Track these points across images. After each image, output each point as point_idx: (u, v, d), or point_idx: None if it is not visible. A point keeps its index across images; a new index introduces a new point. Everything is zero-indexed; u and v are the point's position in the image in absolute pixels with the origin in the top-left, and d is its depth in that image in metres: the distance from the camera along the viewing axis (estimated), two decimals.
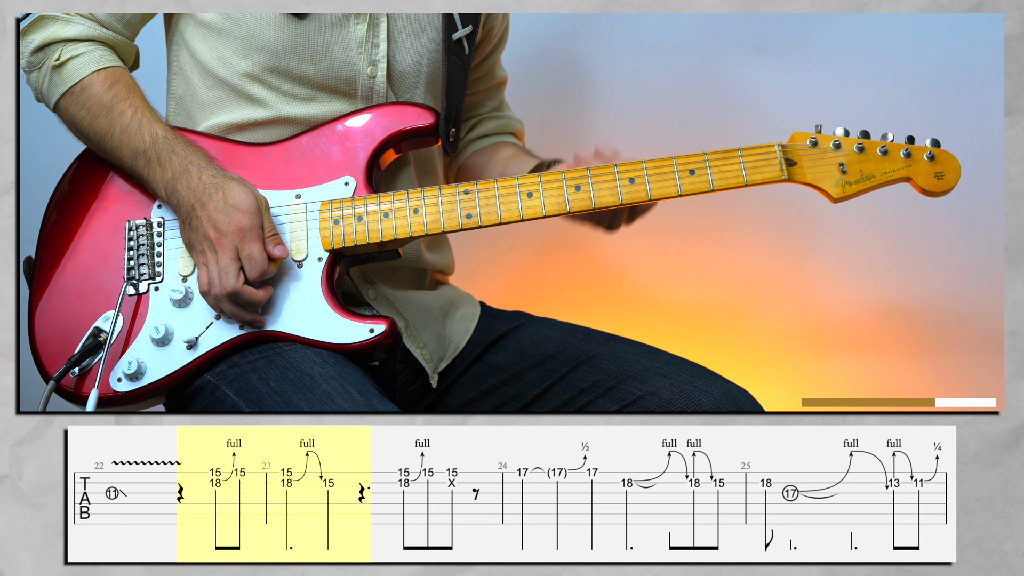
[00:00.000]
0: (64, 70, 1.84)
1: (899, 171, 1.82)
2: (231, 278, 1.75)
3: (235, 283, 1.75)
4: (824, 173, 1.82)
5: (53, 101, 1.86)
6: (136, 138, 1.82)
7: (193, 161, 1.80)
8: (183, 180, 1.79)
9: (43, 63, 1.84)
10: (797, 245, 2.62)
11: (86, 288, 1.84)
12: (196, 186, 1.78)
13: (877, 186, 1.82)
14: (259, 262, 1.76)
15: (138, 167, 1.82)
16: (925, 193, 1.82)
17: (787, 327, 2.63)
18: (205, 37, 1.88)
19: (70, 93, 1.84)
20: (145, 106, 1.85)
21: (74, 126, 1.87)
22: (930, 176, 1.81)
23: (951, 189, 1.82)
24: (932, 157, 1.81)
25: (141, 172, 1.83)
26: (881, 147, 1.82)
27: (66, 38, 1.84)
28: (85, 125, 1.84)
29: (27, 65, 1.85)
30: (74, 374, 1.80)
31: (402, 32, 1.91)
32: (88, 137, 1.86)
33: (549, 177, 1.83)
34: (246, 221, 1.76)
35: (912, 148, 1.82)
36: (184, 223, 1.81)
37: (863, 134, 1.83)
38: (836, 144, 1.82)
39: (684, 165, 1.81)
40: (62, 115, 1.87)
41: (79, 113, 1.84)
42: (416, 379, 2.00)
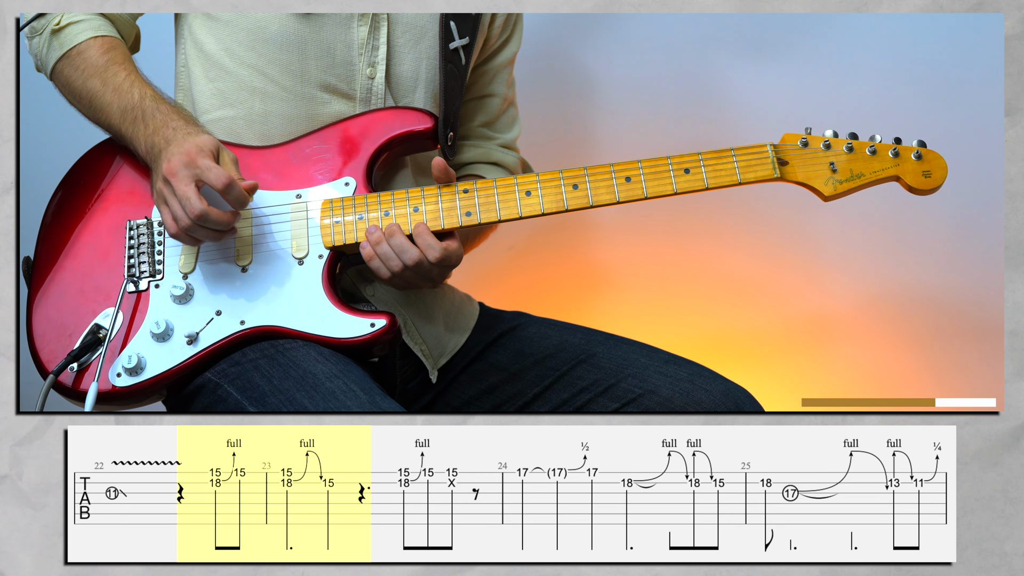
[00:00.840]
0: (63, 34, 1.88)
1: (888, 170, 1.85)
2: (194, 201, 1.73)
3: (200, 205, 1.73)
4: (815, 172, 1.85)
5: (51, 66, 1.90)
6: (127, 96, 1.84)
7: (173, 117, 1.83)
8: (160, 132, 1.81)
9: (44, 28, 1.88)
10: (797, 246, 2.62)
11: (85, 286, 1.85)
12: (168, 134, 1.80)
13: (867, 184, 1.85)
14: (216, 171, 1.72)
15: (124, 124, 1.85)
16: (913, 191, 1.86)
17: (787, 327, 2.63)
18: (212, 28, 1.90)
19: (67, 56, 1.88)
20: (138, 72, 1.88)
21: (68, 88, 1.90)
22: (918, 175, 1.85)
23: (938, 187, 1.85)
24: (920, 156, 1.85)
25: (127, 130, 1.85)
26: (870, 147, 1.85)
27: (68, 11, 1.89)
28: (79, 85, 1.87)
29: (29, 31, 1.89)
30: (72, 370, 1.81)
31: (401, 37, 1.93)
32: (80, 97, 1.89)
33: (547, 176, 1.85)
34: (194, 148, 1.75)
35: (900, 148, 1.85)
36: (153, 172, 1.82)
37: (852, 136, 1.87)
38: (826, 144, 1.86)
39: (679, 164, 1.84)
40: (57, 80, 1.90)
41: (73, 75, 1.88)
42: (415, 376, 2.00)
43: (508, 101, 2.14)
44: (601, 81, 2.64)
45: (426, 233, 1.81)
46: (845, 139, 1.86)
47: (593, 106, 2.65)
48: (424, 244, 1.81)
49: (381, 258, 1.81)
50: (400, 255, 1.81)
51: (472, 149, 2.11)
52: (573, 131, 2.65)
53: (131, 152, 1.88)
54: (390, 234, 1.81)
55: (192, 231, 1.76)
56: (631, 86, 2.62)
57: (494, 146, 2.12)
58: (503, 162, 2.12)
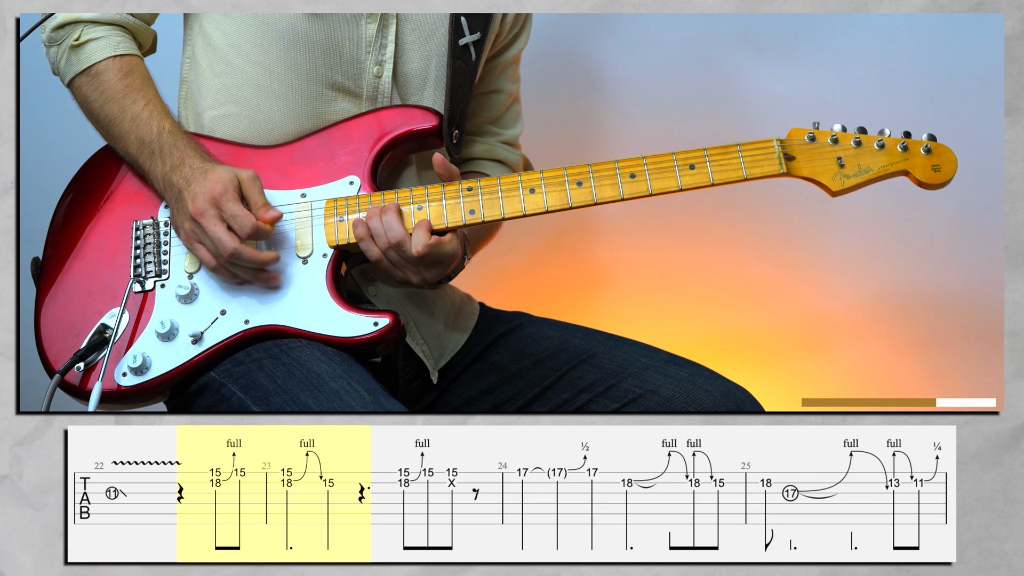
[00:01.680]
0: (82, 51, 1.88)
1: (896, 164, 1.82)
2: (226, 242, 1.77)
3: (232, 244, 1.76)
4: (822, 167, 1.83)
5: (68, 78, 1.91)
6: (144, 128, 1.86)
7: (189, 154, 1.83)
8: (177, 171, 1.82)
9: (63, 40, 1.89)
10: (797, 247, 2.62)
11: (92, 286, 1.86)
12: (187, 173, 1.82)
13: (875, 179, 1.83)
14: (243, 218, 1.77)
15: (141, 157, 1.86)
16: (923, 186, 1.83)
17: (788, 328, 2.63)
18: (220, 23, 1.90)
19: (86, 74, 1.89)
20: (157, 99, 1.89)
21: (86, 106, 1.91)
22: (927, 169, 1.82)
23: (948, 181, 1.82)
24: (929, 150, 1.82)
25: (144, 163, 1.86)
26: (878, 141, 1.83)
27: (87, 19, 1.89)
28: (96, 107, 1.89)
29: (47, 40, 1.90)
30: (79, 369, 1.81)
31: (411, 35, 1.92)
32: (98, 119, 1.90)
33: (551, 173, 1.84)
34: (219, 188, 1.78)
35: (909, 142, 1.83)
36: (174, 210, 1.84)
37: (860, 130, 1.84)
38: (834, 139, 1.83)
39: (684, 160, 1.82)
40: (75, 93, 1.92)
41: (92, 95, 1.89)
42: (417, 377, 2.00)
43: (513, 97, 2.14)
44: (601, 81, 2.64)
45: (423, 229, 1.81)
46: (853, 133, 1.83)
47: (593, 106, 2.65)
48: (416, 235, 1.80)
49: (372, 232, 1.81)
50: (387, 231, 1.80)
51: (477, 145, 2.11)
52: (579, 130, 2.65)
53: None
54: (384, 211, 1.81)
55: (232, 269, 1.80)
56: (631, 85, 2.62)
57: (498, 143, 2.12)
58: (507, 160, 2.12)
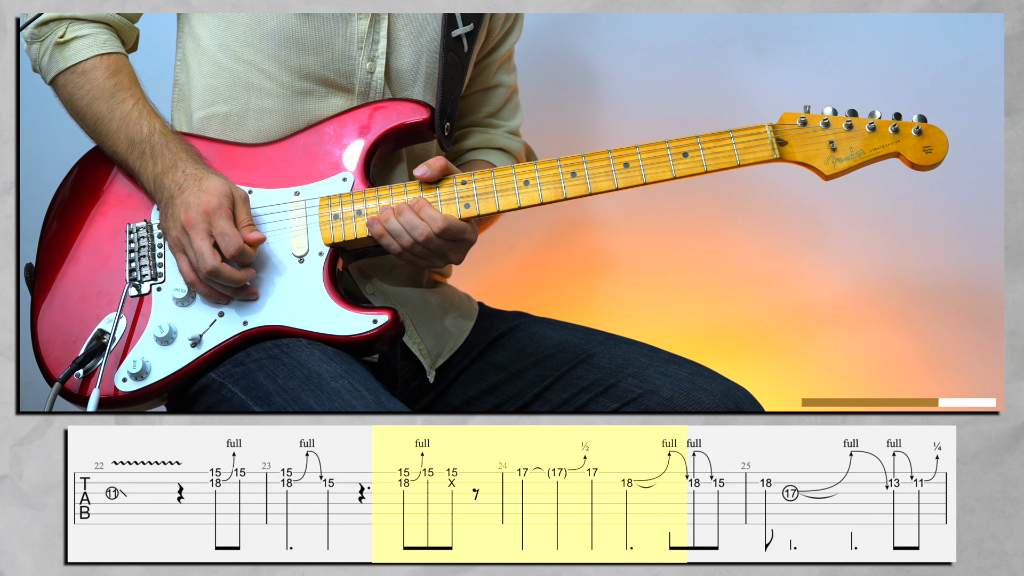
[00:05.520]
0: (67, 48, 1.86)
1: (888, 146, 1.83)
2: (208, 258, 1.77)
3: (212, 262, 1.76)
4: (815, 151, 1.83)
5: (51, 76, 1.89)
6: (135, 127, 1.85)
7: (182, 157, 1.83)
8: (169, 174, 1.82)
9: (46, 37, 1.87)
10: (797, 246, 2.62)
11: (88, 291, 1.85)
12: (179, 179, 1.81)
13: (867, 162, 1.83)
14: (231, 237, 1.77)
15: (131, 157, 1.85)
16: (914, 167, 1.83)
17: (788, 328, 2.63)
18: (209, 23, 1.89)
19: (71, 71, 1.87)
20: (145, 99, 1.88)
21: (70, 104, 1.89)
22: (919, 150, 1.82)
23: (940, 162, 1.83)
24: (920, 132, 1.83)
25: (134, 163, 1.85)
26: (869, 124, 1.83)
27: (72, 16, 1.87)
28: (83, 105, 1.87)
29: (30, 36, 1.88)
30: (78, 376, 1.81)
31: (403, 31, 1.92)
32: (84, 118, 1.88)
33: (545, 165, 1.84)
34: (214, 202, 1.78)
35: (900, 124, 1.83)
36: (163, 213, 1.83)
37: (851, 112, 1.84)
38: (825, 123, 1.83)
39: (677, 148, 1.82)
40: (59, 91, 1.90)
41: (78, 93, 1.87)
42: (416, 376, 2.00)
43: (512, 89, 2.14)
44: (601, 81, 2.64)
45: (427, 206, 1.81)
46: (844, 116, 1.83)
47: (592, 106, 2.64)
48: (428, 216, 1.81)
49: (392, 234, 1.81)
50: (410, 231, 1.80)
51: (477, 135, 2.11)
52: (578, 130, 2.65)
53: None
54: (399, 211, 1.81)
55: (208, 283, 1.80)
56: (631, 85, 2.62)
57: (500, 133, 2.12)
58: (509, 147, 2.12)
